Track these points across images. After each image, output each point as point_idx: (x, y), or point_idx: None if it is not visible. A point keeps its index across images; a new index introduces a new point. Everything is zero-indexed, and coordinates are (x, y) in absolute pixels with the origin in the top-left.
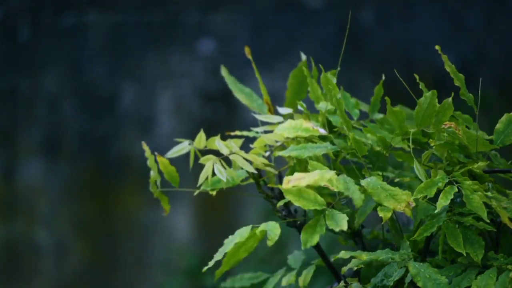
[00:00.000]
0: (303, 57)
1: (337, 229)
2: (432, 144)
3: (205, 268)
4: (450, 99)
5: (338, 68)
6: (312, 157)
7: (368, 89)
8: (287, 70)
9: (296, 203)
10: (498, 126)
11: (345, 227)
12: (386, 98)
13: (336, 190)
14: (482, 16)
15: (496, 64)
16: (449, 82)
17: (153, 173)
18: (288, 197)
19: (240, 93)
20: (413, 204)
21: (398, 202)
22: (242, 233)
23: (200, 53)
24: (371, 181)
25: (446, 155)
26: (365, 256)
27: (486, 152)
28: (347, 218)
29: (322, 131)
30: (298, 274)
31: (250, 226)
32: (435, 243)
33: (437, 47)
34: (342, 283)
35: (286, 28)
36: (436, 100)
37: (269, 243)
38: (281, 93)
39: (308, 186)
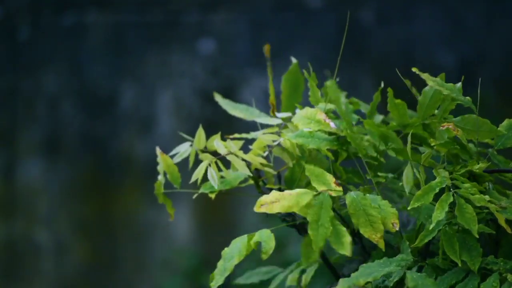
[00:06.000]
0: (294, 60)
1: (341, 252)
2: (432, 144)
3: (214, 285)
4: (459, 84)
5: (337, 79)
6: (315, 149)
7: (368, 89)
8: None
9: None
10: (499, 129)
11: (349, 252)
12: (389, 89)
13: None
14: (482, 16)
15: (496, 64)
16: (449, 83)
17: (161, 177)
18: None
19: (236, 110)
20: (397, 227)
21: (374, 231)
22: (240, 249)
23: (200, 53)
24: (355, 198)
25: (446, 154)
26: (362, 281)
27: (486, 152)
28: (350, 240)
29: (333, 126)
30: (303, 272)
31: (246, 236)
32: (434, 244)
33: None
34: None
35: (286, 28)
36: (441, 92)
37: (264, 256)
38: (280, 93)
39: (283, 209)
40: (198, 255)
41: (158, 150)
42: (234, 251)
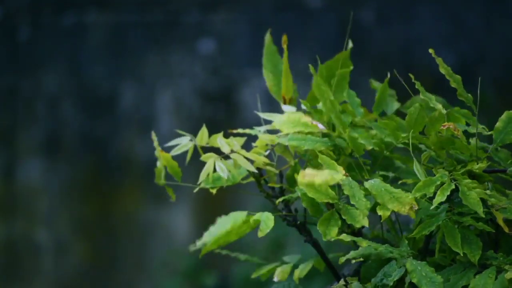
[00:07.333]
0: (350, 45)
1: (357, 225)
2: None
3: (192, 248)
4: (440, 106)
5: (351, 67)
6: (311, 150)
7: (368, 89)
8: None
9: (310, 195)
10: (498, 124)
11: (366, 222)
12: (374, 108)
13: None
14: (482, 16)
15: (496, 64)
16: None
17: (159, 164)
18: (301, 187)
19: (270, 71)
20: (416, 207)
21: (402, 204)
22: (236, 218)
23: (200, 53)
24: (374, 183)
25: (445, 155)
26: (364, 244)
27: (487, 147)
28: (366, 213)
29: (321, 127)
30: (295, 267)
31: (246, 212)
32: (434, 243)
33: (430, 51)
34: (342, 282)
35: (286, 28)
36: (425, 113)
37: (260, 234)
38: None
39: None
40: (197, 256)
41: (154, 137)
42: (229, 218)
